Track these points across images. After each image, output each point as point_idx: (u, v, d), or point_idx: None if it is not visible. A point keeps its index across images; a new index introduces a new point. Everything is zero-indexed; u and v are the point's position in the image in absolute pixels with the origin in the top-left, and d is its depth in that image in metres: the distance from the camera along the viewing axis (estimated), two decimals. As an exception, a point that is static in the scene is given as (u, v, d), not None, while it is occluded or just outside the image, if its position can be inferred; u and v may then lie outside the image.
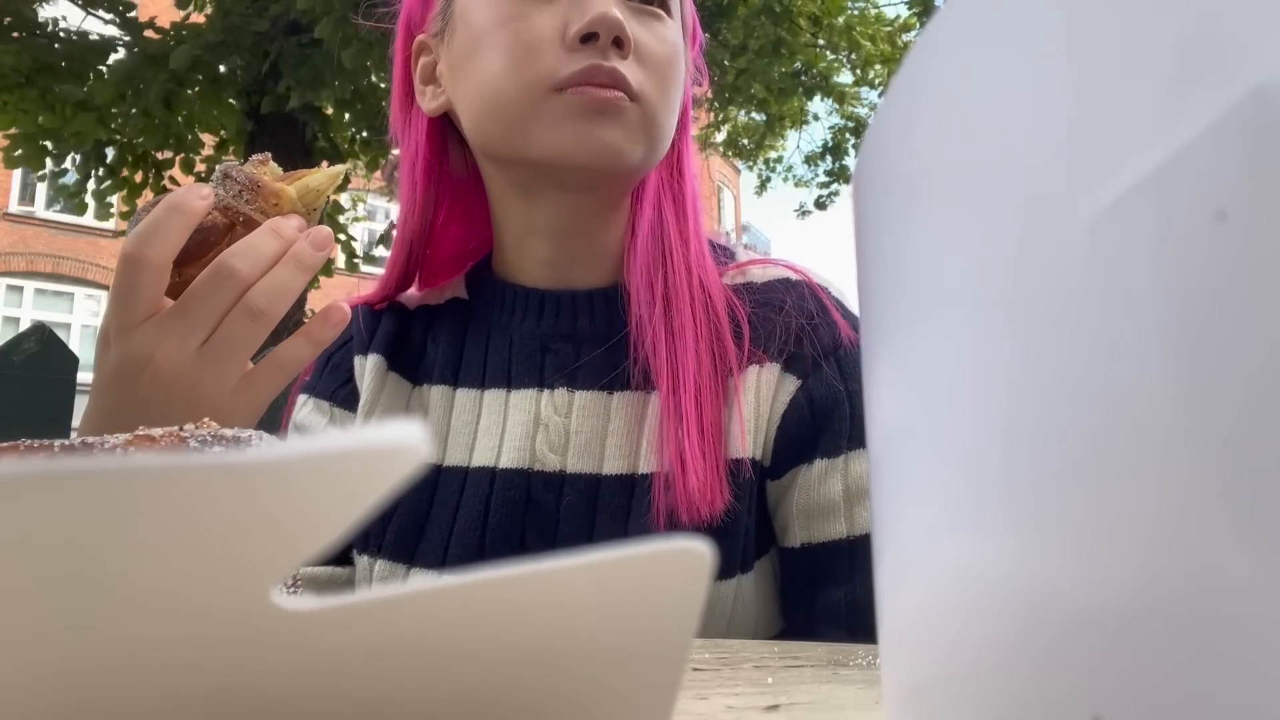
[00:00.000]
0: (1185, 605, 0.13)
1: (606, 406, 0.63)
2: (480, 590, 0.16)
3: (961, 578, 0.18)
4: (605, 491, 0.62)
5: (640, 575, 0.17)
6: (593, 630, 0.17)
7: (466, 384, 0.67)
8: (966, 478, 0.17)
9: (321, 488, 0.14)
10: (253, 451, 0.13)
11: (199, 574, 0.14)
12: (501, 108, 0.60)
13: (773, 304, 0.65)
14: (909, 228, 0.21)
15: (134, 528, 0.13)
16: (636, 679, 0.18)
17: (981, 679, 0.17)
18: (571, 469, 0.62)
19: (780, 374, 0.63)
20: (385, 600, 0.16)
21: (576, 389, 0.64)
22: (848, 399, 0.62)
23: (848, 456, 0.61)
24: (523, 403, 0.65)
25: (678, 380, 0.60)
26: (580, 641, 0.18)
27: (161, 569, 0.14)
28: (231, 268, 0.48)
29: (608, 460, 0.62)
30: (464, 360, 0.68)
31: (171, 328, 0.47)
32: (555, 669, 0.18)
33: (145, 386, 0.47)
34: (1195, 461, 0.13)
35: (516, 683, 0.18)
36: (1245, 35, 0.13)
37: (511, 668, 0.17)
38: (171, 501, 0.13)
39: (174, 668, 0.15)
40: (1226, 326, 0.13)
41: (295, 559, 0.15)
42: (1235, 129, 0.13)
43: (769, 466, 0.63)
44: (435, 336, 0.71)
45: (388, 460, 0.14)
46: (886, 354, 0.22)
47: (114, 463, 0.12)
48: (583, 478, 0.62)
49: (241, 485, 0.13)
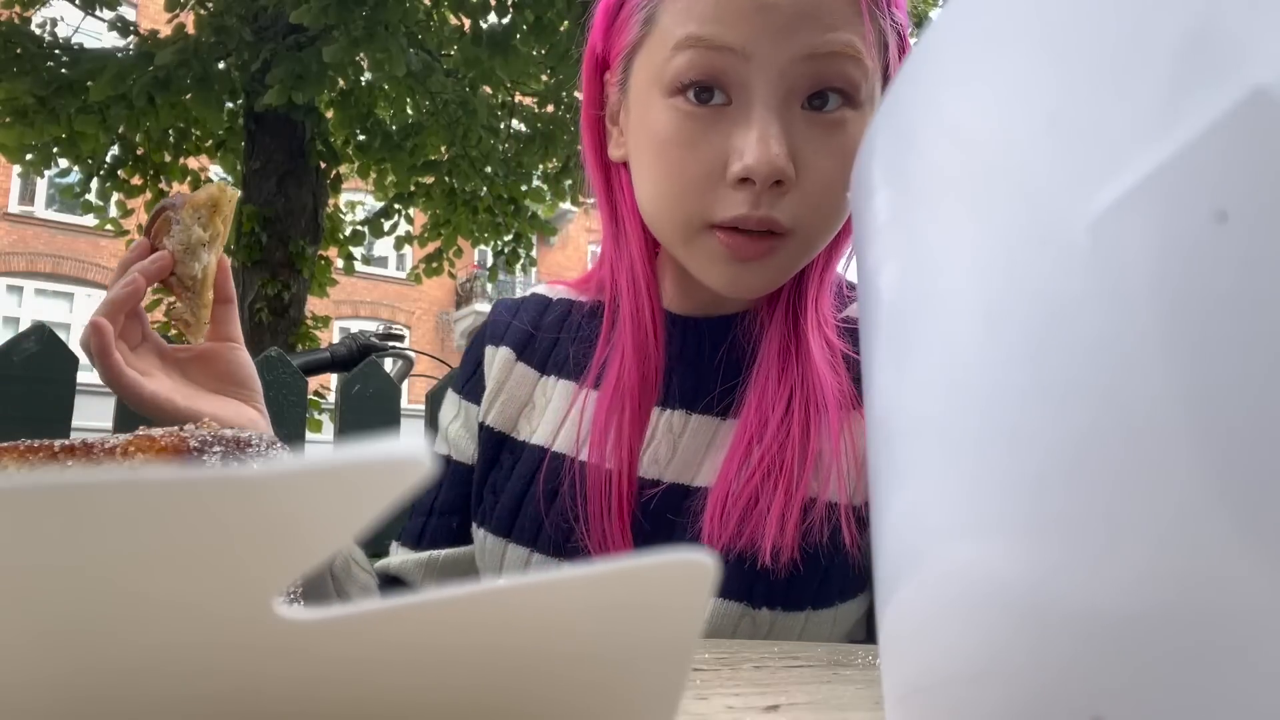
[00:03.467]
0: (1185, 605, 0.13)
1: (715, 430, 0.66)
2: (485, 600, 0.16)
3: (961, 577, 0.18)
4: (691, 502, 0.64)
5: (644, 586, 0.17)
6: (596, 639, 0.17)
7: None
8: (966, 478, 0.17)
9: (325, 500, 0.14)
10: (258, 465, 0.13)
11: (203, 584, 0.14)
12: (662, 228, 0.62)
13: None
14: (909, 228, 0.21)
15: (140, 539, 0.13)
16: (638, 687, 0.18)
17: (981, 679, 0.17)
18: (669, 479, 0.65)
19: None
20: (388, 609, 0.16)
21: (693, 412, 0.67)
22: None
23: None
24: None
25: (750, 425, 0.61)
26: (583, 651, 0.18)
27: (166, 579, 0.14)
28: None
29: (701, 475, 0.65)
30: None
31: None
32: (557, 678, 0.18)
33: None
34: (1195, 461, 0.13)
35: (518, 691, 0.18)
36: (1245, 35, 0.13)
37: (514, 676, 0.17)
38: (177, 514, 0.13)
39: (177, 676, 0.15)
40: (1226, 327, 0.13)
41: (298, 570, 0.15)
42: (1235, 129, 0.13)
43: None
44: (572, 331, 0.74)
45: (391, 474, 0.14)
46: (887, 354, 0.22)
47: (121, 476, 0.12)
48: (674, 487, 0.65)
49: (246, 499, 0.13)
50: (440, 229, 5.42)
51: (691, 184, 0.57)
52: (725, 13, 0.54)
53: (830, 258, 0.66)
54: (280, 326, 4.46)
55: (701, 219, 0.58)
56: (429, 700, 0.17)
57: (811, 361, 0.63)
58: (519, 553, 0.67)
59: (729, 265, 0.59)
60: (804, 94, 0.56)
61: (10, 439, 0.30)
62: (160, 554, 0.14)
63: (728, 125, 0.56)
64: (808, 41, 0.54)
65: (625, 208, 0.66)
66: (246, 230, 4.51)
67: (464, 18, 4.53)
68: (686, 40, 0.55)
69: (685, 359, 0.68)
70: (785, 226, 0.57)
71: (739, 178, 0.55)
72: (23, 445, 0.30)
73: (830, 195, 0.58)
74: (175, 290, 0.66)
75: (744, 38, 0.54)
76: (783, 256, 0.59)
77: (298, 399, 1.45)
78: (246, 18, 4.36)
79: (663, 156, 0.58)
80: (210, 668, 0.16)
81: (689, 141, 0.57)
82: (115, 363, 0.61)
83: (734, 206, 0.56)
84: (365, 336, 2.02)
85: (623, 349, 0.65)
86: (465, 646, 0.17)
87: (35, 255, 13.62)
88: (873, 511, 0.22)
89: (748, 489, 0.59)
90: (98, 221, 5.39)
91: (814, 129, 0.57)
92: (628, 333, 0.65)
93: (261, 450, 0.33)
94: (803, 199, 0.57)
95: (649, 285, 0.65)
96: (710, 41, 0.55)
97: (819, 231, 0.60)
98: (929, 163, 0.20)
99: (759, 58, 0.54)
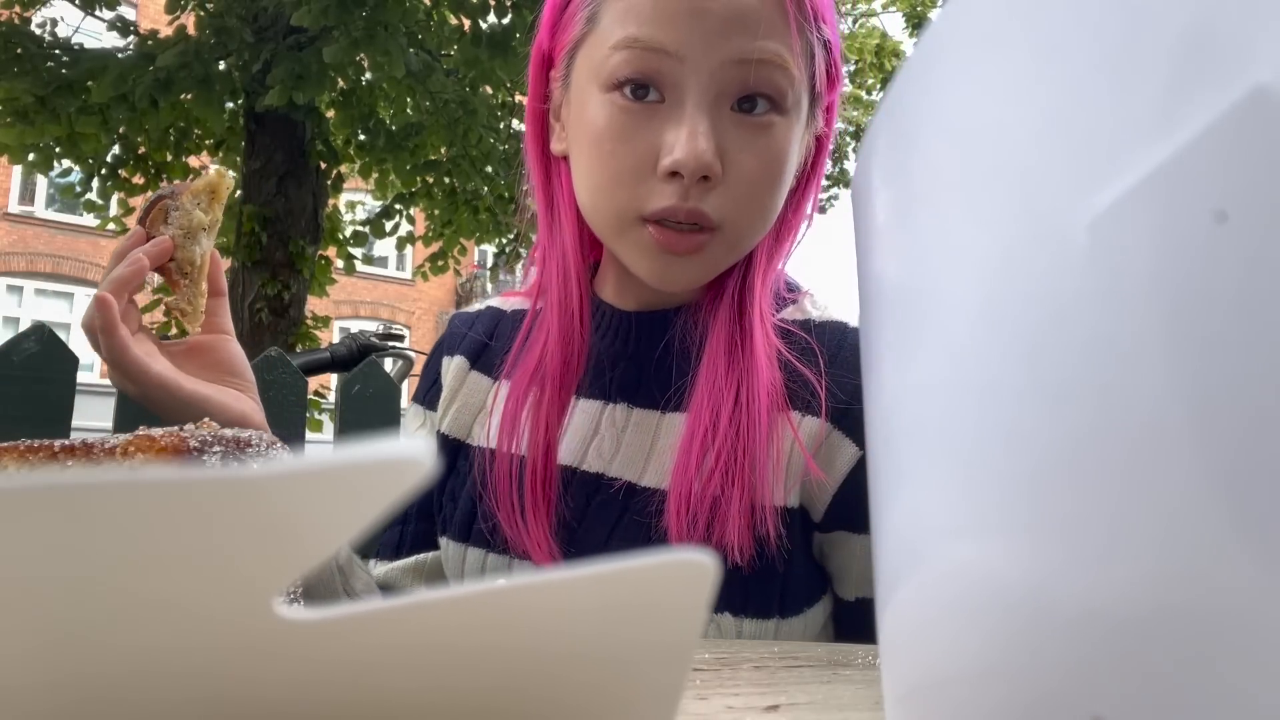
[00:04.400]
0: (1185, 605, 0.13)
1: (657, 425, 0.67)
2: (484, 600, 0.16)
3: (961, 578, 0.18)
4: (636, 500, 0.65)
5: (644, 586, 0.17)
6: (595, 639, 0.17)
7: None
8: (966, 478, 0.17)
9: (326, 501, 0.14)
10: (259, 465, 0.13)
11: (203, 584, 0.14)
12: (598, 219, 0.64)
13: (828, 348, 0.66)
14: (909, 229, 0.21)
15: (140, 540, 0.13)
16: (638, 688, 0.18)
17: (982, 679, 0.17)
18: (612, 474, 0.66)
19: (832, 432, 0.64)
20: (388, 609, 0.16)
21: (635, 406, 0.68)
22: None
23: None
24: (589, 410, 0.69)
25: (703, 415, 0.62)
26: (583, 651, 0.18)
27: (166, 580, 0.14)
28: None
29: (648, 473, 0.66)
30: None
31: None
32: (557, 678, 0.18)
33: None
34: (1195, 461, 0.13)
35: (518, 691, 0.18)
36: (1245, 35, 0.13)
37: (513, 677, 0.17)
38: (177, 515, 0.13)
39: (177, 675, 0.15)
40: (1225, 327, 0.13)
41: (298, 570, 0.15)
42: (1235, 129, 0.13)
43: (818, 522, 0.65)
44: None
45: (391, 474, 0.14)
46: (887, 354, 0.22)
47: (121, 476, 0.12)
48: (618, 483, 0.66)
49: (246, 499, 0.13)
50: (444, 229, 5.42)
51: (624, 176, 0.60)
52: (661, 16, 0.58)
53: (774, 254, 0.68)
54: (280, 326, 4.46)
55: (633, 211, 0.60)
56: (429, 700, 0.17)
57: (757, 356, 0.64)
58: (476, 555, 0.69)
59: (658, 258, 0.61)
60: (733, 96, 0.59)
61: (10, 439, 0.30)
62: (160, 554, 0.14)
63: (660, 122, 0.59)
64: (738, 47, 0.57)
65: (561, 200, 0.69)
66: (247, 230, 4.51)
67: (464, 18, 4.53)
68: (624, 40, 0.59)
69: (627, 353, 0.69)
70: (713, 221, 0.60)
71: (668, 171, 0.58)
72: (23, 445, 0.30)
73: (756, 193, 0.61)
74: (172, 279, 0.66)
75: (678, 41, 0.57)
76: (711, 252, 0.61)
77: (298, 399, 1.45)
78: (247, 18, 4.36)
79: (598, 148, 0.61)
80: (210, 668, 0.16)
81: (623, 135, 0.60)
82: (122, 339, 0.60)
83: (663, 199, 0.59)
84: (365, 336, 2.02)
85: (547, 333, 0.68)
86: (465, 646, 0.17)
87: (35, 255, 13.62)
88: (873, 511, 0.22)
89: (710, 488, 0.60)
90: (99, 221, 5.39)
91: (742, 130, 0.60)
92: (554, 318, 0.67)
93: (261, 450, 0.33)
94: (729, 195, 0.60)
95: (579, 274, 0.67)
96: (646, 43, 0.58)
97: (746, 229, 0.62)
98: (929, 163, 0.20)
99: (692, 60, 0.58)
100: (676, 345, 0.68)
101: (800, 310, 0.70)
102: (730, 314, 0.65)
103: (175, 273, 0.66)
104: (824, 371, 0.64)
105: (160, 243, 0.65)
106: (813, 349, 0.66)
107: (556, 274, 0.68)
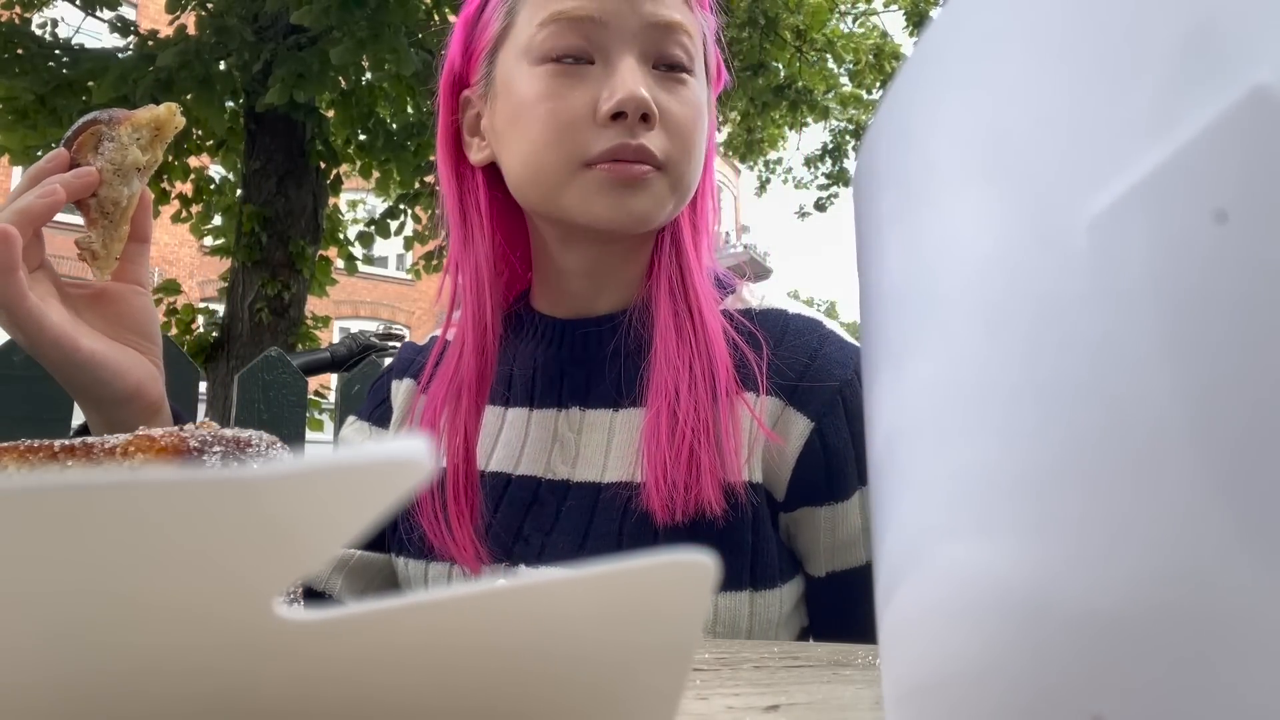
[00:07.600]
0: (1185, 605, 0.13)
1: (612, 422, 0.69)
2: (484, 600, 0.16)
3: (961, 578, 0.18)
4: (604, 496, 0.66)
5: (644, 586, 0.17)
6: (596, 640, 0.17)
7: (492, 401, 0.74)
8: (966, 478, 0.17)
9: (326, 502, 0.14)
10: (259, 466, 0.13)
11: (203, 584, 0.14)
12: (541, 177, 0.66)
13: (772, 333, 0.68)
14: (909, 228, 0.21)
15: (139, 540, 0.13)
16: (639, 687, 0.18)
17: (982, 679, 0.17)
18: (577, 478, 0.68)
19: (785, 408, 0.66)
20: (388, 610, 0.16)
21: (588, 408, 0.70)
22: (853, 441, 0.65)
23: (861, 491, 0.66)
24: (544, 420, 0.71)
25: (664, 394, 0.64)
26: (583, 651, 0.18)
27: (166, 580, 0.14)
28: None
29: (609, 470, 0.67)
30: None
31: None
32: (557, 678, 0.18)
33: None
34: (1195, 461, 0.13)
35: (518, 692, 0.18)
36: (1245, 35, 0.13)
37: (513, 677, 0.17)
38: (178, 515, 0.13)
39: (177, 676, 0.15)
40: (1225, 327, 0.13)
41: (298, 571, 0.15)
42: (1235, 129, 0.13)
43: (781, 500, 0.67)
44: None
45: (391, 474, 0.14)
46: (887, 355, 0.22)
47: (121, 477, 0.12)
48: (585, 485, 0.68)
49: (246, 499, 0.13)
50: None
51: (565, 128, 0.63)
52: None
53: (697, 228, 0.71)
54: (280, 326, 4.46)
55: (578, 158, 0.63)
56: (428, 701, 0.17)
57: (708, 329, 0.66)
58: (440, 568, 0.71)
59: (610, 192, 0.63)
60: (653, 58, 0.66)
61: (10, 439, 0.30)
62: (160, 554, 0.14)
63: (594, 80, 0.64)
64: (651, 12, 0.65)
65: (475, 212, 0.72)
66: (246, 230, 4.51)
67: (464, 18, 4.53)
68: (551, 16, 0.64)
69: (573, 359, 0.72)
70: (658, 159, 0.64)
71: (611, 114, 0.62)
72: (23, 445, 0.30)
73: (688, 133, 0.66)
74: (90, 215, 0.58)
75: (599, 8, 0.64)
76: (658, 186, 0.65)
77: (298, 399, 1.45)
78: (247, 18, 4.36)
79: (534, 111, 0.65)
80: (210, 668, 0.16)
81: (559, 93, 0.64)
82: (18, 282, 0.54)
83: (608, 140, 0.63)
84: (365, 336, 2.02)
85: (462, 343, 0.70)
86: (465, 647, 0.17)
87: (36, 255, 13.59)
88: (873, 511, 0.22)
89: (681, 463, 0.62)
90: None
91: (666, 82, 0.66)
92: (469, 328, 0.70)
93: (261, 450, 0.33)
94: (667, 135, 0.65)
95: (491, 284, 0.70)
96: (571, 14, 0.64)
97: (686, 168, 0.66)
98: (929, 163, 0.20)
99: (614, 24, 0.64)
100: (627, 346, 0.69)
101: (739, 300, 0.73)
102: (672, 299, 0.67)
103: (95, 210, 0.58)
104: (772, 353, 0.66)
105: (84, 173, 0.56)
106: (757, 335, 0.68)
107: (470, 285, 0.70)
